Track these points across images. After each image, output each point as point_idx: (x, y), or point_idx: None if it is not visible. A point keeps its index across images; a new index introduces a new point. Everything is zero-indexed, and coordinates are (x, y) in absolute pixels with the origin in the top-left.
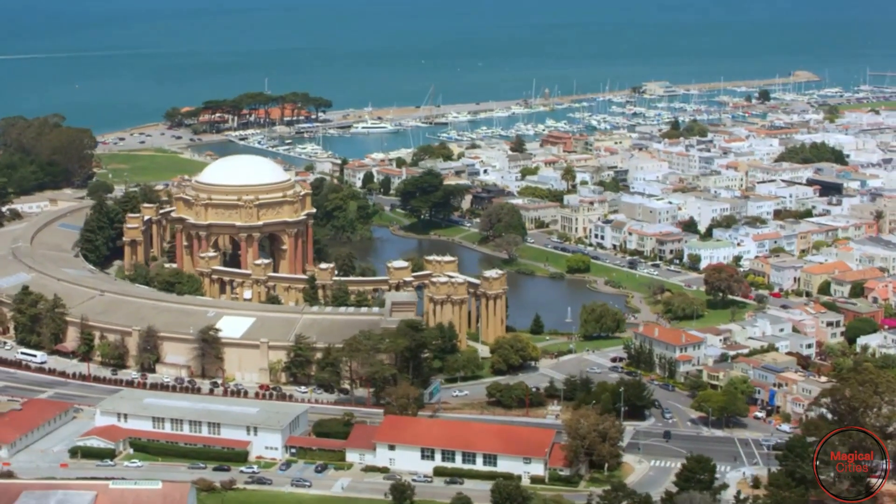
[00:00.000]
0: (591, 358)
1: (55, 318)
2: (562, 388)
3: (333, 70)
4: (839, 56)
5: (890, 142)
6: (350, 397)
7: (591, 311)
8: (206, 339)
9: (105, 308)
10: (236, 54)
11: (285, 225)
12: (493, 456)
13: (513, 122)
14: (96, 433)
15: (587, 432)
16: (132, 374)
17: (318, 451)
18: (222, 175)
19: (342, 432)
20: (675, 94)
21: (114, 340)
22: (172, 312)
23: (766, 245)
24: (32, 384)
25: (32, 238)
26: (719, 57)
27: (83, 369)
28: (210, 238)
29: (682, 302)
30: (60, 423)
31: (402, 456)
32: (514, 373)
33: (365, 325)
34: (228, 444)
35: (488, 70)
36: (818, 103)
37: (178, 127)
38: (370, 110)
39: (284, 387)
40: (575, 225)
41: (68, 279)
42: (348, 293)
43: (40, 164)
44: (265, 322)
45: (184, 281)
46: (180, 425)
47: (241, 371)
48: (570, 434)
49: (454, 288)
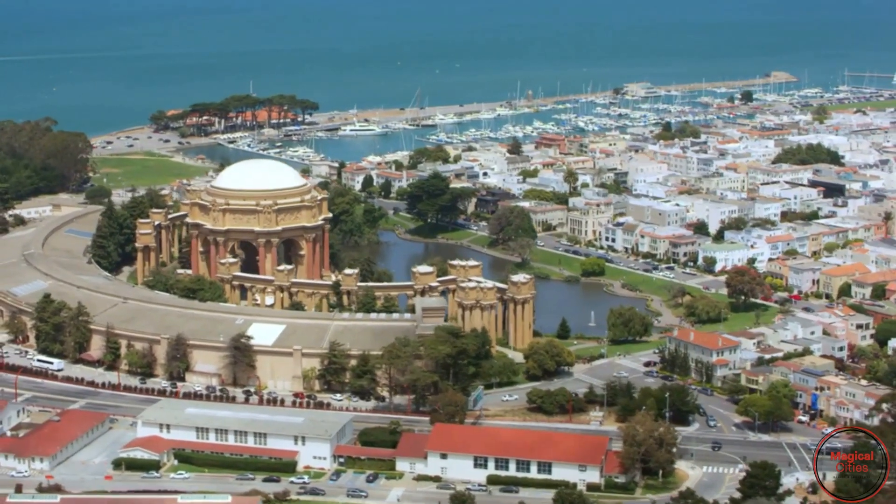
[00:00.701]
0: (623, 362)
1: (79, 326)
2: (601, 393)
3: (315, 72)
4: (815, 56)
5: (882, 142)
6: (389, 405)
7: (619, 315)
8: (238, 347)
9: (130, 316)
10: (216, 56)
11: (304, 230)
12: (548, 464)
13: (500, 123)
14: (139, 444)
15: (644, 438)
16: (162, 383)
17: (367, 460)
18: (239, 180)
19: (388, 441)
20: (657, 96)
21: (141, 349)
22: (200, 320)
23: (778, 247)
24: (60, 394)
25: (42, 245)
26: (695, 57)
27: (109, 378)
28: (227, 244)
29: (705, 305)
30: (97, 434)
31: (455, 464)
32: (548, 378)
33: (398, 331)
34: (276, 455)
35: (466, 71)
36: (800, 104)
37: (165, 130)
38: (355, 112)
39: (319, 395)
40: (584, 228)
41: (88, 286)
42: (375, 299)
43: (35, 169)
44: (296, 329)
45: (206, 287)
46: (225, 435)
47: (273, 379)
48: (626, 440)
49: (483, 293)
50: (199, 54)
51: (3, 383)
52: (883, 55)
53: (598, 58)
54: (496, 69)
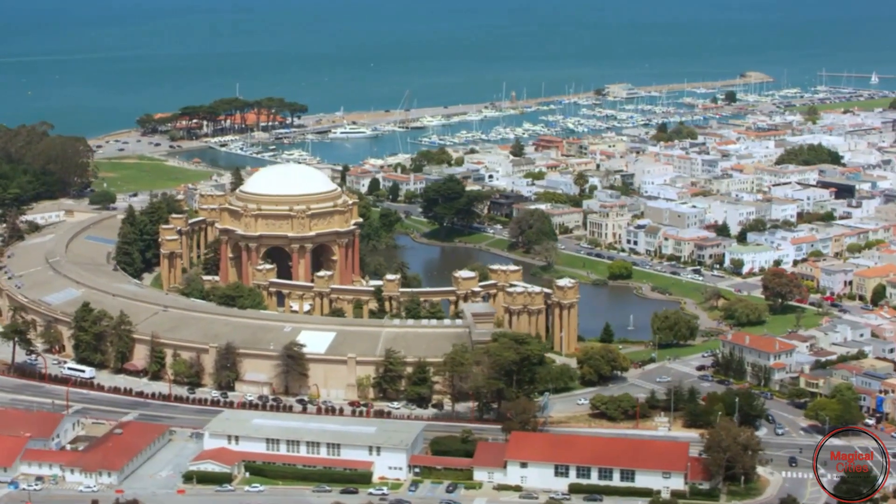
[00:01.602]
0: (674, 366)
1: (122, 335)
2: (663, 398)
3: (297, 73)
4: (788, 57)
5: (877, 142)
6: (451, 412)
7: (664, 319)
8: (291, 355)
9: (173, 324)
10: (195, 58)
11: (336, 235)
12: (631, 471)
13: (490, 125)
14: (209, 457)
15: (730, 444)
16: (212, 393)
17: (444, 470)
18: (271, 185)
19: (461, 450)
20: (639, 97)
21: (188, 358)
22: (246, 328)
23: (803, 248)
24: (108, 405)
25: (65, 252)
26: (671, 57)
27: (156, 388)
28: (259, 250)
29: (744, 308)
30: (159, 446)
31: (535, 473)
32: (603, 383)
33: (451, 338)
34: (350, 465)
35: (442, 73)
36: (782, 104)
37: (153, 133)
38: (342, 115)
39: (375, 403)
40: (604, 230)
41: (124, 294)
42: (420, 304)
43: (35, 174)
44: (347, 336)
45: (245, 294)
46: (296, 447)
47: (326, 387)
48: (711, 446)
49: (531, 298)
50: (177, 56)
51: (49, 395)
52: (856, 55)
53: (577, 58)
54: (473, 70)
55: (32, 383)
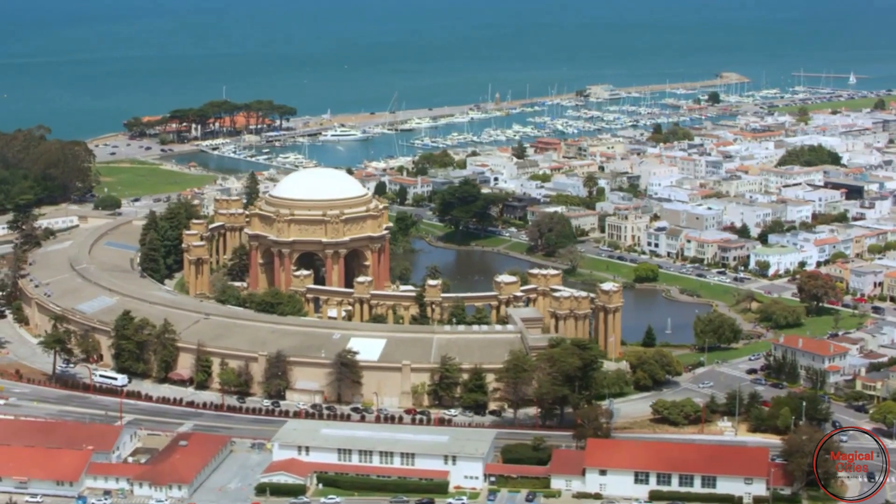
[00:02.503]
0: (723, 370)
1: (166, 344)
2: (722, 402)
3: (281, 75)
4: (762, 57)
5: (872, 143)
6: (513, 419)
7: (708, 322)
8: (344, 363)
9: (218, 332)
10: (172, 59)
11: (369, 240)
12: (712, 477)
13: (478, 127)
14: (280, 468)
15: (812, 449)
16: (263, 402)
17: (520, 478)
18: (303, 189)
19: (533, 457)
20: (620, 98)
21: (237, 367)
22: (293, 335)
23: (825, 250)
24: (159, 415)
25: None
26: (646, 58)
27: (203, 398)
28: (293, 255)
29: (782, 310)
30: (222, 457)
31: (614, 481)
32: (657, 388)
33: (503, 343)
34: (426, 475)
35: (424, 74)
36: (765, 105)
37: (141, 137)
38: (329, 117)
39: (430, 410)
40: (623, 233)
41: (161, 302)
42: (465, 310)
43: (35, 179)
44: (398, 343)
45: (284, 301)
46: (369, 457)
47: (379, 395)
48: (794, 451)
49: (578, 302)
50: (153, 58)
51: (96, 405)
52: (830, 55)
53: (556, 59)
54: (456, 71)
55: (77, 394)
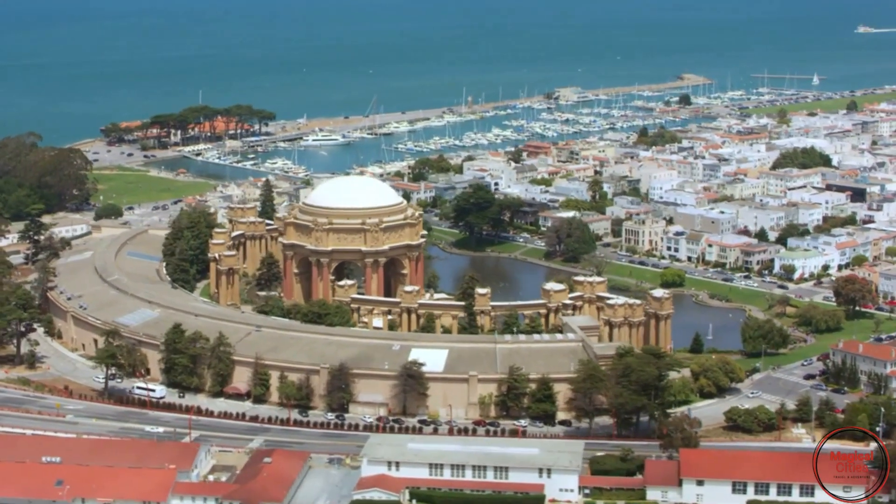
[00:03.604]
0: (779, 375)
1: (222, 357)
2: (791, 408)
3: (248, 79)
4: (719, 58)
5: (858, 144)
6: (589, 429)
7: (757, 328)
8: (411, 375)
9: (272, 345)
10: (141, 63)
11: (408, 248)
12: (810, 486)
13: (457, 130)
14: (372, 484)
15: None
16: (327, 416)
17: (615, 490)
18: (340, 198)
19: (622, 468)
20: (589, 100)
21: (297, 380)
22: (351, 347)
23: (846, 253)
24: (223, 431)
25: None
26: (608, 60)
27: (262, 412)
28: (331, 265)
29: (821, 314)
30: (303, 474)
31: (711, 491)
32: (721, 395)
33: (567, 352)
34: (521, 489)
35: (387, 77)
36: (734, 107)
37: (119, 143)
38: (304, 122)
39: (498, 421)
40: (640, 238)
41: (207, 314)
42: (518, 318)
43: (31, 188)
44: (461, 353)
45: (332, 312)
46: (461, 471)
47: (445, 407)
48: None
49: (632, 310)
50: (125, 62)
51: (156, 422)
52: (784, 55)
53: (520, 62)
54: (428, 74)
55: (134, 410)
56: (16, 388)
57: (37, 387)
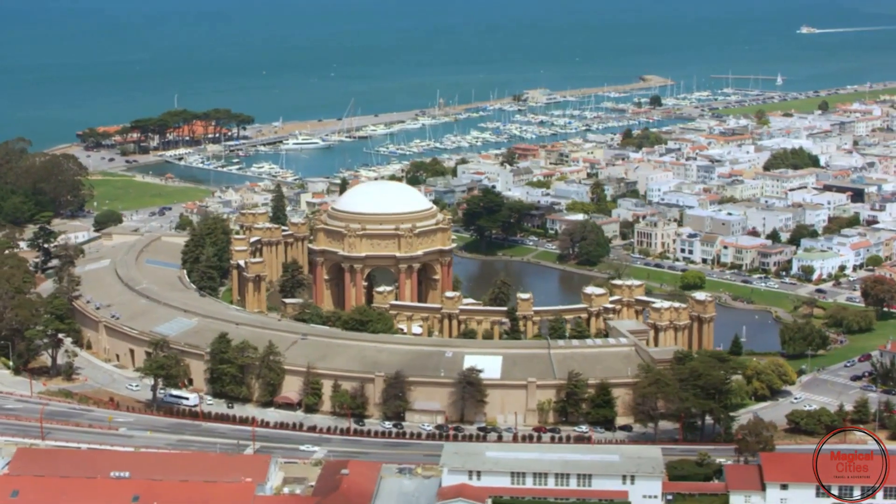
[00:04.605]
0: (826, 377)
1: (272, 366)
2: (850, 411)
3: (224, 82)
4: (679, 59)
5: (841, 144)
6: (655, 435)
7: (797, 330)
8: (470, 382)
9: (322, 353)
10: (107, 66)
11: (440, 254)
12: (894, 488)
13: (438, 132)
14: (456, 494)
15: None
16: (385, 424)
17: (699, 496)
18: (372, 203)
19: (700, 474)
20: (557, 102)
21: (351, 389)
22: (403, 355)
23: (861, 254)
24: (286, 441)
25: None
26: (571, 61)
27: (315, 422)
28: (364, 271)
29: (853, 315)
30: (378, 485)
31: (795, 495)
32: (773, 398)
33: (621, 357)
34: (604, 496)
35: (357, 80)
36: (706, 107)
37: (98, 148)
38: (280, 125)
39: (557, 427)
40: (653, 240)
41: (247, 322)
42: (564, 323)
43: (26, 194)
44: (515, 359)
45: (374, 319)
46: (544, 479)
47: (502, 413)
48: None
49: (678, 313)
50: (89, 65)
51: (212, 433)
52: (734, 56)
53: (480, 63)
54: (397, 76)
55: (187, 421)
56: (60, 401)
57: (80, 399)
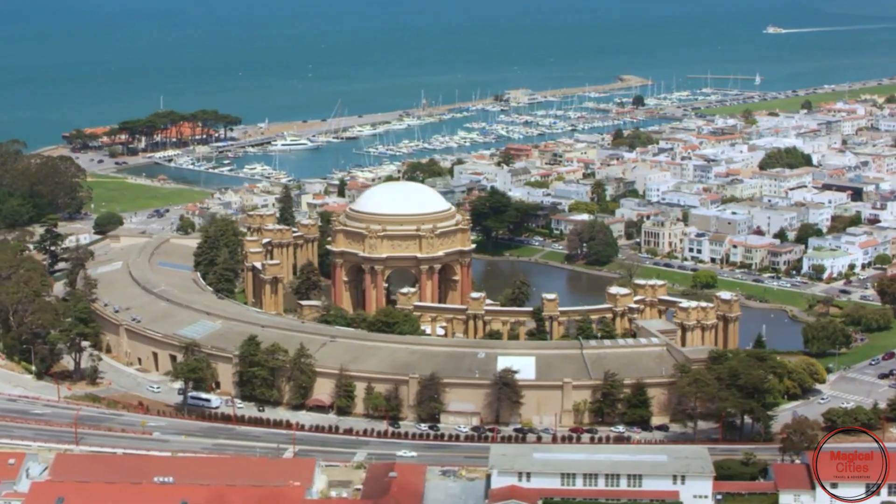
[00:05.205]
0: (853, 375)
1: (304, 369)
2: (884, 408)
3: (192, 83)
4: (650, 59)
5: (830, 144)
6: (694, 434)
7: (821, 329)
8: (506, 383)
9: (353, 355)
10: (81, 67)
11: (460, 254)
12: None
13: (424, 133)
14: (507, 496)
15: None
16: (420, 427)
17: (749, 495)
18: (392, 204)
19: (746, 473)
20: (538, 102)
21: (385, 391)
22: (436, 356)
23: (869, 252)
24: (325, 444)
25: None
26: (547, 61)
27: (350, 424)
28: (384, 272)
29: (871, 314)
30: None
31: (845, 493)
32: (805, 397)
33: (654, 357)
34: (655, 497)
35: (338, 80)
36: (688, 107)
37: (84, 150)
38: (265, 126)
39: (594, 427)
40: (661, 240)
41: (273, 325)
42: (591, 323)
43: (23, 197)
44: (549, 360)
45: (400, 320)
46: (594, 480)
47: (538, 414)
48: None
49: (705, 313)
50: (65, 66)
51: (247, 437)
52: (707, 55)
53: (458, 63)
54: (378, 76)
55: (220, 425)
56: (87, 405)
57: (109, 403)
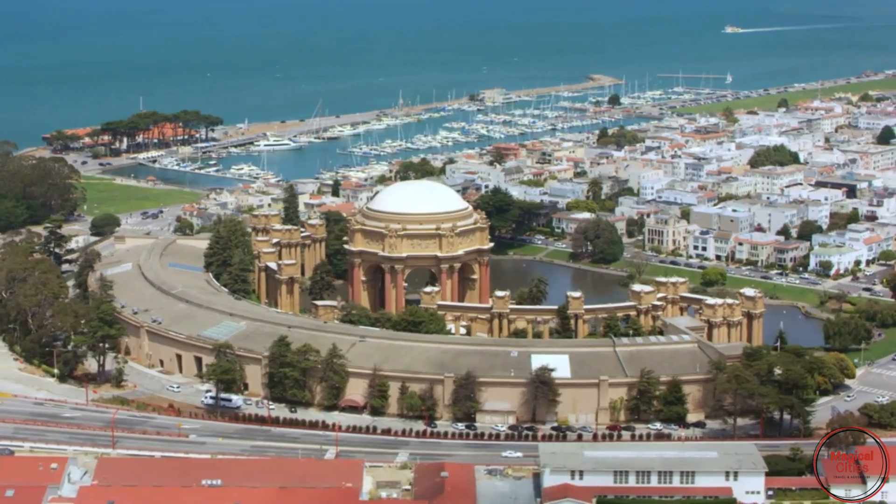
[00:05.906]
0: (878, 371)
1: (337, 370)
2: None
3: (174, 84)
4: (618, 58)
5: (815, 142)
6: (733, 430)
7: (843, 325)
8: (543, 381)
9: (385, 355)
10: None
11: (478, 253)
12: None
13: (405, 133)
14: (561, 494)
15: None
16: (458, 426)
17: (800, 490)
18: (411, 203)
19: (793, 468)
20: (513, 101)
21: (419, 390)
22: (467, 355)
23: (873, 248)
24: (365, 445)
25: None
26: (514, 62)
27: (387, 424)
28: (405, 271)
29: (886, 309)
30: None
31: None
32: (835, 393)
33: (686, 354)
34: (709, 493)
35: (315, 80)
36: (664, 106)
37: (65, 151)
38: (245, 127)
39: (631, 425)
40: (665, 237)
41: (300, 325)
42: (618, 321)
43: (16, 198)
44: (582, 358)
45: (426, 320)
46: (646, 477)
47: (574, 412)
48: None
49: (731, 310)
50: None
51: (284, 438)
52: (672, 55)
53: (438, 63)
54: (349, 76)
55: (255, 427)
56: (117, 408)
57: (139, 406)
